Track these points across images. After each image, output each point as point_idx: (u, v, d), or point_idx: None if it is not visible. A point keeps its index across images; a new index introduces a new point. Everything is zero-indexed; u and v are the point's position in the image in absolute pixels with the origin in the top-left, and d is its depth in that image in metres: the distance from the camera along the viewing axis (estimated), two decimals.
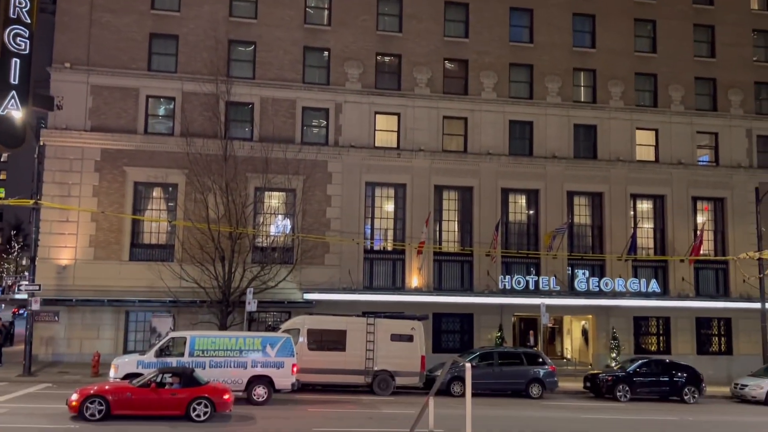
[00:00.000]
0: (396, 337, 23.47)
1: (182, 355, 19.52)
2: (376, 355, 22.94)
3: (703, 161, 33.72)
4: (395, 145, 30.87)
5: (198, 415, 16.24)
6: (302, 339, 22.75)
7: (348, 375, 22.74)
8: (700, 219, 33.03)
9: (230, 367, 19.60)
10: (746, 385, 25.10)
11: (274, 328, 25.30)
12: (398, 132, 30.99)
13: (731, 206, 32.84)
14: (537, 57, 32.45)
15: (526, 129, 32.17)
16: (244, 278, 25.82)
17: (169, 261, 27.41)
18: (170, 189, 28.92)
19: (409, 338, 23.58)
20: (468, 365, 7.55)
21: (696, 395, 24.25)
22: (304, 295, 28.02)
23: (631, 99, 33.04)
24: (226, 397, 16.70)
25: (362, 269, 29.61)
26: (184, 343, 19.76)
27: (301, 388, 21.22)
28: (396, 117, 31.04)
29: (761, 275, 28.64)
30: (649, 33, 33.86)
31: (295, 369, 20.11)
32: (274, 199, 29.69)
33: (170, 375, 16.89)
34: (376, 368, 22.87)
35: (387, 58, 31.56)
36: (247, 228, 26.89)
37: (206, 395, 16.40)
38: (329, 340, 23.16)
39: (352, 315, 24.62)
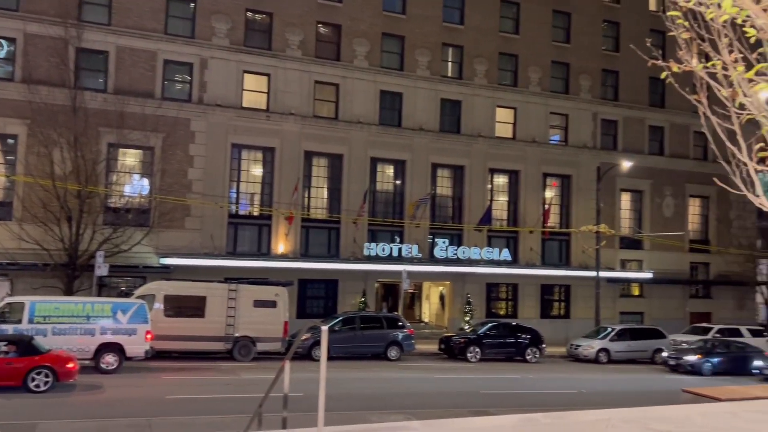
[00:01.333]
0: (259, 303, 23.26)
1: (20, 321, 18.05)
2: (237, 321, 22.60)
3: (554, 140, 36.34)
4: (265, 107, 30.06)
5: (37, 386, 15.11)
6: (158, 305, 21.82)
7: (207, 342, 22.21)
8: (548, 194, 35.70)
9: (76, 334, 18.40)
10: (579, 345, 27.90)
11: (128, 294, 23.95)
12: (268, 94, 30.16)
13: (576, 183, 35.80)
14: (409, 29, 32.92)
15: (396, 100, 32.68)
16: (93, 240, 24.05)
17: (7, 220, 24.83)
18: (9, 141, 26.06)
19: (273, 304, 23.47)
20: (325, 329, 7.66)
21: (537, 355, 26.52)
22: (161, 259, 26.74)
23: (494, 77, 34.65)
24: (69, 365, 15.66)
25: (226, 234, 28.78)
26: (23, 308, 18.27)
27: (157, 355, 20.39)
28: (266, 78, 30.16)
29: (597, 247, 31.71)
30: (513, 15, 35.54)
31: (149, 336, 19.28)
32: (130, 157, 27.83)
33: (5, 343, 15.55)
34: (237, 334, 22.56)
35: (258, 16, 30.44)
36: (98, 187, 25.01)
37: (47, 364, 15.28)
38: (188, 306, 22.43)
39: (214, 281, 23.95)
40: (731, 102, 5.92)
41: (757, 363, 24.32)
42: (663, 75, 5.62)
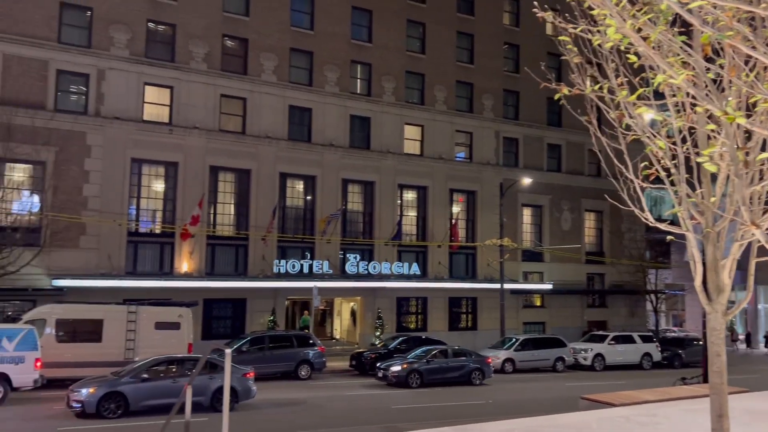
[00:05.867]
0: (161, 325, 22.29)
1: None
2: (137, 344, 21.49)
3: (459, 157, 37.44)
4: (167, 121, 29.02)
5: None
6: (49, 330, 20.39)
7: (105, 368, 20.80)
8: (455, 209, 36.68)
9: None
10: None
11: (15, 319, 22.16)
12: (171, 107, 29.16)
13: (481, 198, 37.00)
14: (317, 45, 32.96)
15: (305, 115, 32.54)
16: None
17: None
18: None
19: (176, 326, 22.55)
20: (228, 351, 7.41)
21: None
22: (54, 281, 25.03)
23: (402, 95, 35.32)
24: None
25: (125, 253, 27.37)
26: None
27: (49, 384, 18.96)
28: (169, 90, 29.16)
29: (501, 260, 32.85)
30: (419, 35, 36.47)
31: (38, 364, 17.90)
32: (18, 172, 25.91)
33: None
34: (137, 359, 21.35)
35: (160, 27, 29.44)
36: None
37: None
38: (83, 331, 21.13)
39: (112, 303, 22.67)
40: (618, 123, 6.30)
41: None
42: (557, 96, 5.91)
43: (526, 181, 34.70)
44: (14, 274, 22.94)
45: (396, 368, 22.54)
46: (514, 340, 29.39)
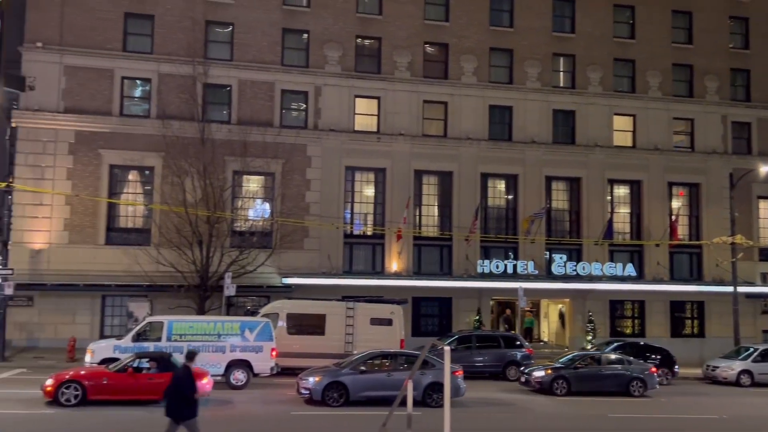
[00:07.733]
0: (375, 321, 23.59)
1: (159, 339, 19.42)
2: (355, 339, 23.03)
3: (679, 147, 34.10)
4: (375, 129, 30.74)
5: None
6: (281, 323, 22.74)
7: (328, 359, 22.66)
8: (675, 204, 33.45)
9: (209, 351, 19.47)
10: (717, 367, 25.67)
11: (253, 313, 25.17)
12: (378, 116, 30.84)
13: (706, 192, 33.32)
14: (517, 41, 32.43)
15: (505, 114, 32.22)
16: (222, 263, 25.64)
17: (146, 245, 27.04)
18: (146, 172, 28.51)
19: (389, 322, 23.71)
20: (447, 348, 7.65)
21: (669, 376, 24.69)
22: (283, 279, 27.95)
23: (610, 84, 33.21)
24: (204, 381, 16.57)
25: (342, 253, 29.56)
26: (162, 327, 19.63)
27: (281, 372, 21.19)
28: (376, 101, 30.88)
29: (734, 260, 29.21)
30: (627, 19, 34.00)
31: (274, 353, 20.10)
32: (253, 183, 29.45)
33: (147, 360, 16.76)
34: (355, 352, 22.90)
35: (367, 41, 31.31)
36: (225, 212, 26.66)
37: None
38: (308, 324, 23.21)
39: (332, 299, 24.63)
40: None
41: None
42: None
43: (764, 169, 30.38)
44: (252, 273, 26.15)
45: (539, 373, 20.85)
46: (751, 350, 25.93)
